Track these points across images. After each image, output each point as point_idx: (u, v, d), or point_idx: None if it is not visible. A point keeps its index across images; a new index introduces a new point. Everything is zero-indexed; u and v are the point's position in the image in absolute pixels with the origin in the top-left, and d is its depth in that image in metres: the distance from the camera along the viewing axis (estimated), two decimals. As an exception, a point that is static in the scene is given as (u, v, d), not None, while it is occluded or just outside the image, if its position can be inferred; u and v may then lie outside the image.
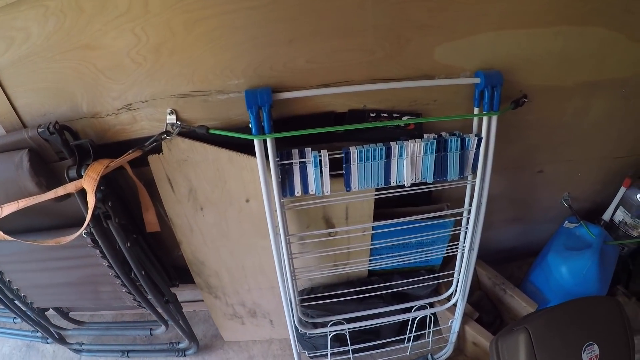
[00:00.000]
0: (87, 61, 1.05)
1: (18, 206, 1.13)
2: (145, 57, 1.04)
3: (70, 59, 1.05)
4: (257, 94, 1.07)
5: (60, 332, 1.63)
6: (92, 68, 1.07)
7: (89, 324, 1.67)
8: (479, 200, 1.30)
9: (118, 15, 0.97)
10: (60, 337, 1.63)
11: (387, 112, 1.20)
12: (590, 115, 1.42)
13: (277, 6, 0.99)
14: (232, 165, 1.19)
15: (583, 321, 1.28)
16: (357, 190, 1.18)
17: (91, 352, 1.66)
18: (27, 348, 1.75)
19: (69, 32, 1.00)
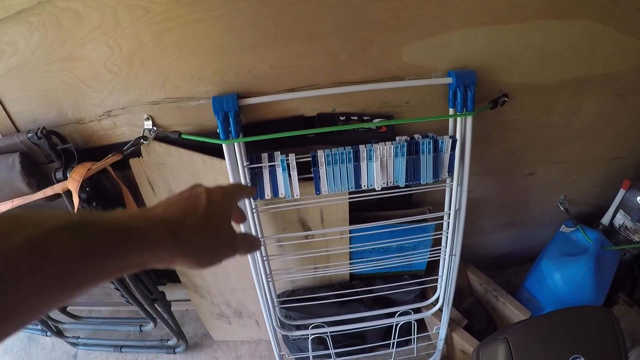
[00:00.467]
0: (69, 71, 1.08)
1: (12, 204, 1.19)
2: (120, 67, 1.06)
3: (54, 69, 1.08)
4: (223, 100, 1.07)
5: (58, 326, 1.69)
6: (74, 78, 1.09)
7: (85, 319, 1.71)
8: (457, 203, 1.25)
9: (92, 29, 0.99)
10: (58, 330, 1.68)
11: (357, 115, 1.17)
12: (581, 114, 1.34)
13: (237, 14, 0.98)
14: (206, 168, 1.19)
15: (569, 332, 1.20)
16: (327, 193, 1.16)
17: (87, 346, 1.70)
18: (28, 340, 1.82)
19: (51, 45, 1.03)
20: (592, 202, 1.65)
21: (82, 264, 0.33)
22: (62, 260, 0.31)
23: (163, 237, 0.40)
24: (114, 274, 0.36)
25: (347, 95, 1.12)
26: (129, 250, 0.37)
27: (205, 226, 0.45)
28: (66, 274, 0.32)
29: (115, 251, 0.36)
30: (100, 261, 0.34)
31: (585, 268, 1.43)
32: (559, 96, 1.27)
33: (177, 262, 0.42)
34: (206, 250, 0.45)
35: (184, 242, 0.42)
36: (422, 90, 1.16)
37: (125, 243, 0.37)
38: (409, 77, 1.13)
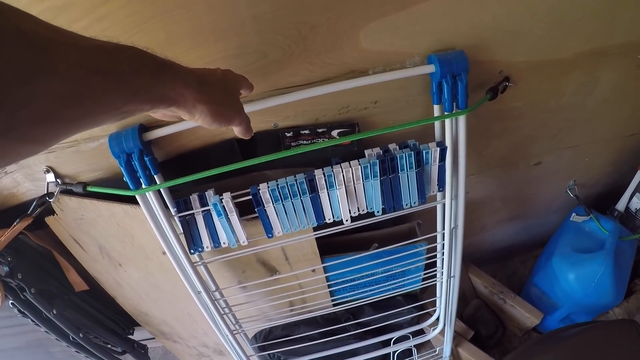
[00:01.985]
0: None
1: None
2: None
3: None
4: (121, 138, 0.64)
5: None
6: None
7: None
8: (453, 222, 0.81)
9: None
10: None
11: (309, 128, 0.73)
12: (597, 91, 0.89)
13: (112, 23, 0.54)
14: (131, 219, 0.78)
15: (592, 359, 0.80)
16: (282, 235, 0.73)
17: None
18: None
19: None
20: (604, 182, 1.20)
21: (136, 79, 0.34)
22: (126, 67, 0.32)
23: (192, 81, 0.41)
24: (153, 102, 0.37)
25: (290, 104, 0.67)
26: (167, 81, 0.38)
27: (222, 86, 0.47)
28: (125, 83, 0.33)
29: (157, 78, 0.36)
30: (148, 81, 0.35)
31: (604, 267, 1.00)
32: (573, 73, 0.83)
33: (199, 107, 0.42)
34: (222, 104, 0.46)
35: (206, 91, 0.43)
36: (394, 85, 0.72)
37: (165, 73, 0.38)
38: (373, 69, 0.68)
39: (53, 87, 0.26)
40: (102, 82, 0.30)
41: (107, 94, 0.31)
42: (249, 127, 0.53)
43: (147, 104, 0.36)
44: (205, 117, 0.44)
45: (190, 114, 0.43)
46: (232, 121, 0.48)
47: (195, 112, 0.43)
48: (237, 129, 0.52)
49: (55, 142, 0.30)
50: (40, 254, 0.91)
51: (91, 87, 0.29)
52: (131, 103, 0.34)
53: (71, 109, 0.28)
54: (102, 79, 0.30)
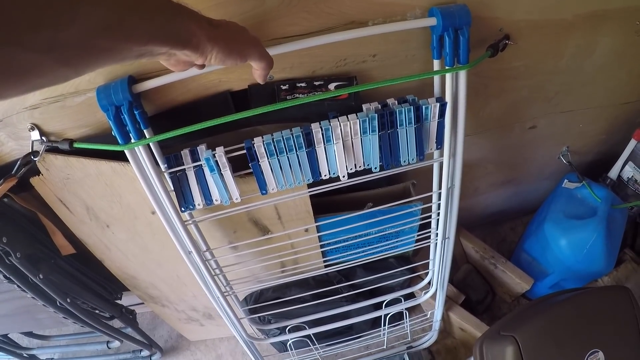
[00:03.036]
0: None
1: None
2: None
3: None
4: (110, 91, 0.63)
5: (29, 352, 1.34)
6: None
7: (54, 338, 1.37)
8: (450, 181, 0.83)
9: None
10: (30, 356, 1.34)
11: (306, 81, 0.72)
12: (595, 56, 0.90)
13: None
14: (119, 177, 0.77)
15: (585, 324, 0.84)
16: (277, 192, 0.74)
17: (63, 366, 1.37)
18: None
19: None
20: (596, 151, 1.23)
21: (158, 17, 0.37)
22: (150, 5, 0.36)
23: (203, 22, 0.44)
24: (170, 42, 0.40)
25: (286, 56, 0.67)
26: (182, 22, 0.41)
27: (229, 27, 0.49)
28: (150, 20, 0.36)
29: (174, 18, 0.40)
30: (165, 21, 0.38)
31: (596, 234, 1.05)
32: (572, 35, 0.84)
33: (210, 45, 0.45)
34: (234, 39, 0.48)
35: (217, 29, 0.46)
36: (394, 38, 0.72)
37: (180, 14, 0.41)
38: (373, 20, 0.67)
39: (94, 15, 0.30)
40: (133, 16, 0.34)
41: (136, 28, 0.35)
42: (270, 60, 0.54)
43: (166, 44, 0.40)
44: (218, 54, 0.46)
45: (204, 54, 0.45)
46: (248, 55, 0.50)
47: (207, 52, 0.45)
48: (257, 64, 0.53)
49: (86, 70, 0.33)
50: (25, 218, 0.90)
51: (124, 20, 0.33)
52: (152, 42, 0.37)
53: (107, 38, 0.32)
54: (134, 14, 0.34)
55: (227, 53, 0.47)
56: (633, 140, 1.10)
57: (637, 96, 1.09)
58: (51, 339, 1.37)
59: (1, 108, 0.69)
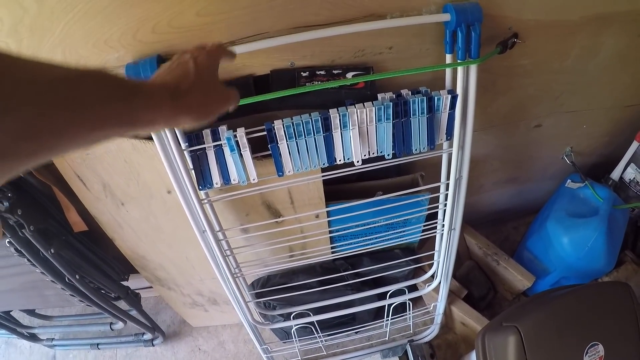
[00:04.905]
0: None
1: None
2: (7, 42, 0.69)
3: None
4: (139, 68, 0.69)
5: (30, 331, 1.39)
6: None
7: (56, 318, 1.42)
8: (458, 172, 0.90)
9: None
10: (31, 335, 1.39)
11: (325, 69, 0.79)
12: (599, 57, 0.98)
13: None
14: (139, 155, 0.83)
15: (586, 317, 0.91)
16: (293, 174, 0.81)
17: (64, 346, 1.41)
18: (6, 345, 1.52)
19: None
20: (599, 152, 1.31)
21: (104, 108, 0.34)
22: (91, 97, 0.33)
23: (164, 98, 0.41)
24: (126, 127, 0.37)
25: (308, 44, 0.74)
26: (139, 106, 0.38)
27: (197, 86, 0.46)
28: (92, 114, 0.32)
29: (128, 104, 0.36)
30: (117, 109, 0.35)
31: (597, 232, 1.12)
32: (578, 36, 0.91)
33: (179, 119, 0.43)
34: (203, 105, 0.46)
35: (181, 101, 0.43)
36: (409, 31, 0.79)
37: (136, 96, 0.38)
38: (391, 14, 0.75)
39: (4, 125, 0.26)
40: (64, 114, 0.30)
41: (70, 125, 0.31)
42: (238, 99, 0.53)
43: (121, 129, 0.36)
44: (190, 123, 0.44)
45: (173, 125, 0.45)
46: (221, 111, 0.49)
47: (177, 123, 0.43)
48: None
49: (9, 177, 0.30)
50: (40, 193, 0.96)
51: (50, 121, 0.29)
52: (99, 130, 0.34)
53: (28, 143, 0.28)
54: (64, 111, 0.30)
55: (198, 119, 0.45)
56: (635, 142, 1.17)
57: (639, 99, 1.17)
58: (53, 319, 1.43)
59: None
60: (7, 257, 0.99)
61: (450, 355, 1.27)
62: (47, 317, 1.43)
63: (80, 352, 1.41)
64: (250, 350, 1.35)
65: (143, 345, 1.36)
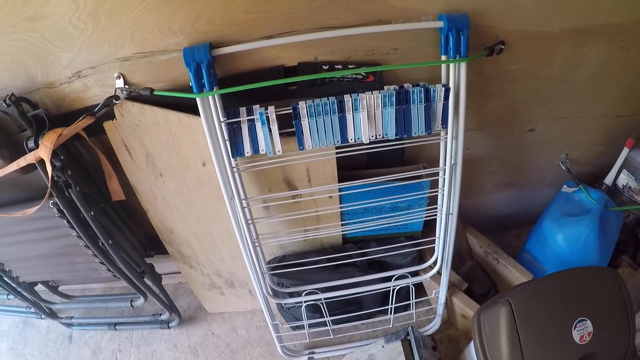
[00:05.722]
0: (34, 32, 0.96)
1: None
2: (86, 22, 0.93)
3: (19, 31, 0.95)
4: (195, 51, 0.94)
5: (50, 307, 1.58)
6: (40, 38, 0.97)
7: (77, 298, 1.61)
8: (452, 158, 1.11)
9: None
10: (51, 311, 1.58)
11: (342, 64, 1.03)
12: (583, 67, 1.19)
13: None
14: (183, 127, 1.07)
15: (574, 295, 1.07)
16: (312, 149, 1.03)
17: (81, 326, 1.59)
18: (24, 324, 1.71)
19: (14, 6, 0.91)
20: (595, 162, 1.51)
21: None
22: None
23: None
24: None
25: (329, 42, 0.99)
26: None
27: None
28: None
29: None
30: None
31: (589, 229, 1.30)
32: (560, 46, 1.13)
33: None
34: None
35: None
36: (411, 36, 1.03)
37: None
38: (396, 20, 1.00)
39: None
40: None
41: None
42: None
43: None
44: None
45: None
46: None
47: None
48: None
49: None
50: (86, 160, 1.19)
51: None
52: None
53: None
54: None
55: None
56: (625, 149, 1.36)
57: (630, 110, 1.37)
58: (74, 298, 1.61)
59: (96, 56, 1.00)
60: (48, 218, 1.19)
61: (452, 350, 1.41)
62: (69, 297, 1.61)
63: (96, 332, 1.58)
64: (261, 336, 1.51)
65: (159, 327, 1.53)
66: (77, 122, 1.04)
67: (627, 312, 1.08)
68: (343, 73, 1.01)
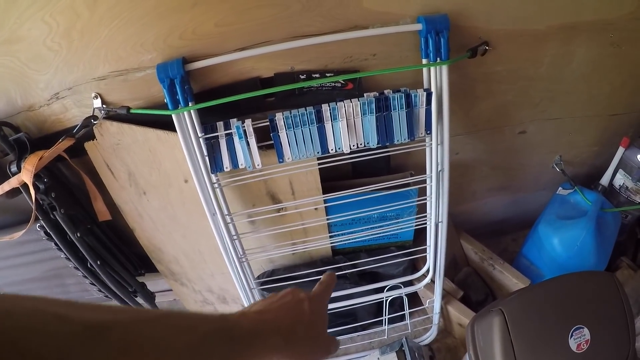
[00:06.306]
0: (11, 55, 0.93)
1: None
2: (60, 43, 0.90)
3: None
4: (167, 67, 0.90)
5: None
6: (17, 62, 0.94)
7: None
8: (438, 164, 1.05)
9: (28, 6, 0.84)
10: None
11: (319, 72, 0.98)
12: (573, 65, 1.13)
13: None
14: (162, 144, 1.02)
15: (570, 302, 1.00)
16: (292, 161, 0.97)
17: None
18: None
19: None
20: (590, 163, 1.43)
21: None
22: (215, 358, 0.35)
23: (278, 344, 0.43)
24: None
25: (305, 50, 0.94)
26: (253, 354, 0.39)
27: (310, 333, 0.47)
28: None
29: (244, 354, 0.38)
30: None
31: (585, 231, 1.22)
32: (547, 44, 1.07)
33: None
34: (310, 353, 0.47)
35: (293, 348, 0.44)
36: (390, 41, 0.97)
37: (252, 347, 0.39)
38: (373, 25, 0.94)
39: None
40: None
41: None
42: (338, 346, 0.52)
43: None
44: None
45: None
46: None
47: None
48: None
49: None
50: (71, 182, 1.15)
51: None
52: None
53: None
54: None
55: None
56: (621, 148, 1.29)
57: (624, 108, 1.30)
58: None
59: (73, 77, 0.96)
60: (36, 241, 1.17)
61: (450, 358, 1.33)
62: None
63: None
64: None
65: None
66: (57, 144, 1.00)
67: (626, 316, 1.00)
68: (321, 82, 0.95)
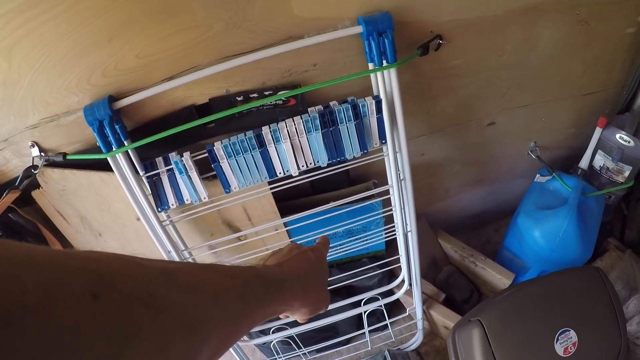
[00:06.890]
0: None
1: None
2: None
3: None
4: (94, 108, 0.81)
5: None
6: None
7: None
8: (399, 173, 0.95)
9: None
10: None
11: (257, 91, 0.88)
12: (539, 48, 1.03)
13: (77, 7, 0.71)
14: (107, 186, 0.94)
15: (554, 303, 0.92)
16: (239, 190, 0.88)
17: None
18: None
19: None
20: (568, 145, 1.33)
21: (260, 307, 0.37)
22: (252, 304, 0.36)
23: (299, 290, 0.45)
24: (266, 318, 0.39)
25: (238, 70, 0.84)
26: (282, 299, 0.42)
27: (320, 281, 0.49)
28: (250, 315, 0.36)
29: (275, 297, 0.40)
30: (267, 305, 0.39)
31: (567, 221, 1.12)
32: (508, 30, 0.97)
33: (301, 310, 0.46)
34: (320, 299, 0.49)
35: (309, 294, 0.46)
36: (330, 47, 0.87)
37: (282, 291, 0.42)
38: (308, 34, 0.84)
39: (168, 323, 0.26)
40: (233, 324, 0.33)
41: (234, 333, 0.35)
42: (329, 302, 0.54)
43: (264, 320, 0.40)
44: (304, 316, 0.48)
45: (292, 313, 0.47)
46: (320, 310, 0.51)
47: (295, 312, 0.47)
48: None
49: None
50: (27, 231, 1.07)
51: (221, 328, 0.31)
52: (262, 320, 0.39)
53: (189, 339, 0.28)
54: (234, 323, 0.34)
55: (310, 314, 0.48)
56: (598, 129, 1.18)
57: (599, 86, 1.19)
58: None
59: (6, 129, 0.88)
60: None
61: (440, 361, 1.26)
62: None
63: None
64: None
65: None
66: (2, 198, 0.92)
67: (615, 310, 0.93)
68: (260, 102, 0.86)
